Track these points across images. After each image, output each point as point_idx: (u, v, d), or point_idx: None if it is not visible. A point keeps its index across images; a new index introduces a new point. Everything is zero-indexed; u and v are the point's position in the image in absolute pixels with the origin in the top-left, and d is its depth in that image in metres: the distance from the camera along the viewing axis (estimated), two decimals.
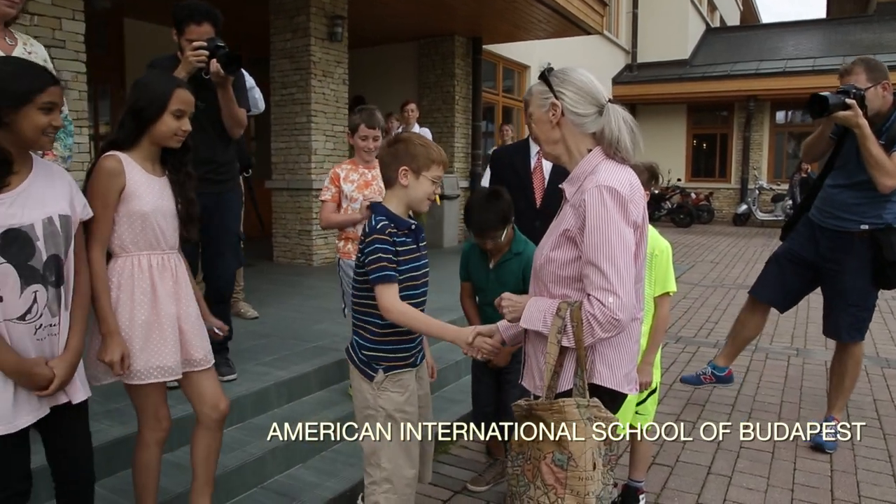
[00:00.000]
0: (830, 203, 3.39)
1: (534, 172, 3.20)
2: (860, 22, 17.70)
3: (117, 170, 1.96)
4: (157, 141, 2.04)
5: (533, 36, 10.27)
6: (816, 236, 3.47)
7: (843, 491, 3.01)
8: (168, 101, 1.99)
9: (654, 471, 3.15)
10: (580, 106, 1.70)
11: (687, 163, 17.46)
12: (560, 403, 1.62)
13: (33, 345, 1.73)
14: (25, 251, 1.67)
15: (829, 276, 3.45)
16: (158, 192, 2.07)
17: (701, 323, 6.24)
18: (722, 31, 20.37)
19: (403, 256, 2.07)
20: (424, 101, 10.21)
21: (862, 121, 3.03)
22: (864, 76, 3.19)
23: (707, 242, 12.44)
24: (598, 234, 1.58)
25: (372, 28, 8.93)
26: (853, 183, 3.27)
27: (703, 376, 3.92)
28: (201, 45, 2.97)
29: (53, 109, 1.68)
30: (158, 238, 2.07)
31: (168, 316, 2.07)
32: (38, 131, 1.67)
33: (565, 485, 1.61)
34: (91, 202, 1.92)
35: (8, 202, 1.65)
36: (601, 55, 15.23)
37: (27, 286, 1.68)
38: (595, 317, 1.57)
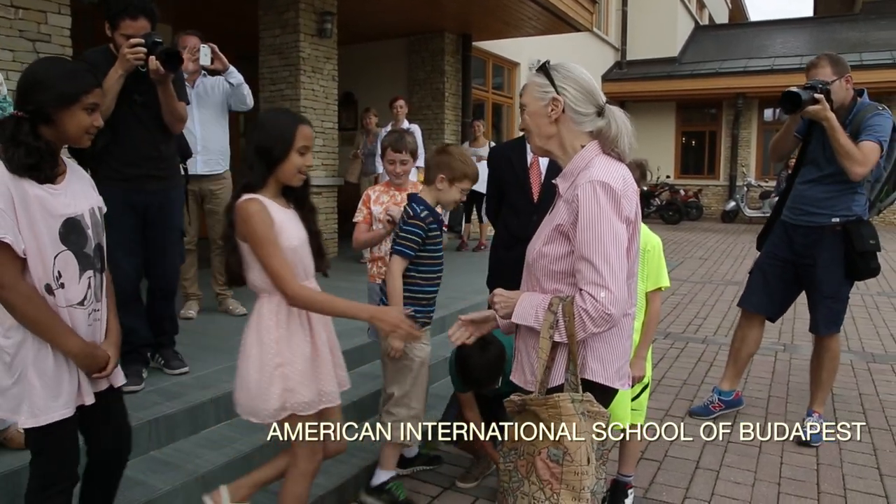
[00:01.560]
0: (801, 200, 3.48)
1: (530, 168, 3.22)
2: (846, 20, 17.85)
3: (264, 208, 1.96)
4: (282, 179, 2.04)
5: (523, 33, 10.27)
6: (790, 235, 3.56)
7: (829, 484, 3.03)
8: (293, 140, 1.98)
9: (642, 465, 3.16)
10: (581, 104, 1.70)
11: (676, 160, 17.53)
12: (555, 398, 1.61)
13: (86, 329, 1.81)
14: (80, 239, 1.78)
15: (806, 271, 3.53)
16: (296, 225, 2.08)
17: (690, 319, 6.27)
18: (711, 28, 20.46)
19: (431, 240, 2.66)
20: (414, 97, 10.19)
21: (830, 114, 3.14)
22: (829, 69, 3.30)
23: (696, 239, 12.50)
24: (590, 229, 1.58)
25: (361, 24, 8.89)
26: (822, 176, 3.37)
27: (712, 405, 3.80)
28: (139, 42, 2.86)
29: (96, 110, 1.77)
30: (306, 269, 2.10)
31: (323, 343, 2.11)
32: (82, 130, 1.76)
33: (561, 480, 1.61)
34: (260, 248, 1.94)
35: (62, 192, 1.75)
36: (591, 52, 15.25)
37: (83, 272, 1.79)
38: (587, 311, 1.57)
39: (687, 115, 17.51)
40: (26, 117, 1.68)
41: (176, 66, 2.94)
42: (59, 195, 1.74)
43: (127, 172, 3.08)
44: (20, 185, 1.66)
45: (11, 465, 2.35)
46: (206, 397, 3.05)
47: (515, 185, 3.19)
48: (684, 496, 2.93)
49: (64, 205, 1.74)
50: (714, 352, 5.16)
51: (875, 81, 13.94)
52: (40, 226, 1.69)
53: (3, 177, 1.65)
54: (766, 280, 3.70)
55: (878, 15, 16.82)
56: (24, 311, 1.69)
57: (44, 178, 1.71)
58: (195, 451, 2.82)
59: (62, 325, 1.74)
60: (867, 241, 3.34)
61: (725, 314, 6.46)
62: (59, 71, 1.74)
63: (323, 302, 2.00)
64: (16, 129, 1.67)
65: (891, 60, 13.94)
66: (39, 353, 1.73)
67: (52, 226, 1.71)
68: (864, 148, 3.16)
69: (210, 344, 3.86)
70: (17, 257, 1.67)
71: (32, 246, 1.69)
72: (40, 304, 1.71)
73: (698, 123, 17.51)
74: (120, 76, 2.91)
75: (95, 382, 1.85)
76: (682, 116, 17.49)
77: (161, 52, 2.87)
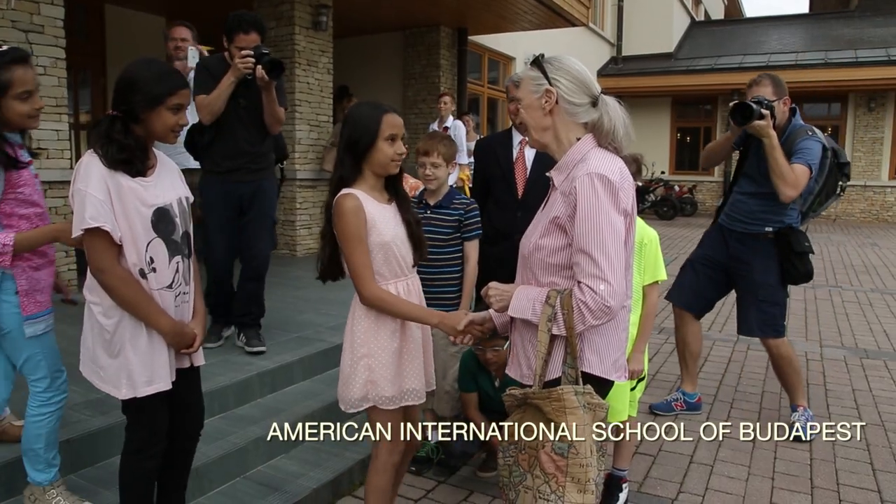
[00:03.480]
0: (736, 209, 3.59)
1: (516, 163, 3.19)
2: (842, 17, 17.89)
3: (358, 206, 1.99)
4: (376, 170, 2.06)
5: (518, 27, 10.25)
6: (726, 239, 3.65)
7: (822, 479, 3.05)
8: (379, 129, 2.01)
9: (636, 460, 3.17)
10: (575, 95, 1.69)
11: (671, 156, 17.55)
12: (559, 391, 1.61)
13: (174, 310, 1.95)
14: (169, 227, 1.91)
15: (740, 275, 3.62)
16: (392, 219, 2.09)
17: None
18: (706, 24, 20.47)
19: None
20: (409, 91, 10.16)
21: (772, 131, 3.21)
22: (770, 89, 3.36)
23: (690, 235, 12.52)
24: (588, 221, 1.58)
25: (357, 17, 8.85)
26: (759, 193, 3.45)
27: (675, 403, 3.85)
28: (248, 54, 3.28)
29: (181, 109, 1.88)
30: (401, 264, 2.10)
31: (415, 340, 2.13)
32: (168, 129, 1.87)
33: (566, 472, 1.60)
34: (346, 244, 2.00)
35: (153, 184, 1.89)
36: (586, 48, 15.24)
37: (172, 258, 1.92)
38: (586, 304, 1.57)
39: (682, 110, 17.53)
40: (120, 116, 1.82)
41: (279, 74, 3.34)
42: (150, 187, 1.87)
43: (225, 165, 3.51)
44: (116, 178, 1.79)
45: (6, 458, 2.35)
46: None
47: (500, 180, 3.17)
48: (678, 490, 2.94)
49: (154, 195, 1.87)
50: (708, 347, 5.16)
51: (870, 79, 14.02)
52: (134, 215, 1.82)
53: (101, 171, 1.78)
54: (697, 280, 3.77)
55: (873, 12, 16.86)
56: (121, 293, 1.83)
57: (135, 171, 1.84)
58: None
59: (154, 306, 1.88)
60: (802, 243, 3.43)
61: (719, 310, 6.46)
62: (149, 73, 1.84)
63: (394, 304, 2.02)
64: (110, 127, 1.81)
65: (886, 58, 13.97)
66: (135, 331, 1.87)
67: (144, 215, 1.84)
68: (795, 170, 3.23)
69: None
70: (114, 244, 1.81)
71: (127, 234, 1.82)
72: (135, 286, 1.85)
73: (693, 119, 17.53)
74: (231, 82, 3.35)
75: (180, 359, 2.00)
76: (678, 112, 17.50)
77: (266, 61, 3.27)
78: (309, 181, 7.35)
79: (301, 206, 7.29)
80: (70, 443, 2.50)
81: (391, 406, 2.07)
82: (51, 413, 2.18)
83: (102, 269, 1.81)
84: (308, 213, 7.40)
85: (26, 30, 4.47)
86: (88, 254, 1.81)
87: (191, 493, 2.45)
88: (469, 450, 2.96)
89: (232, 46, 3.37)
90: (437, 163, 2.85)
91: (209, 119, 3.42)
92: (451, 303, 2.89)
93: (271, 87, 3.39)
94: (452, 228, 2.91)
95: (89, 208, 1.75)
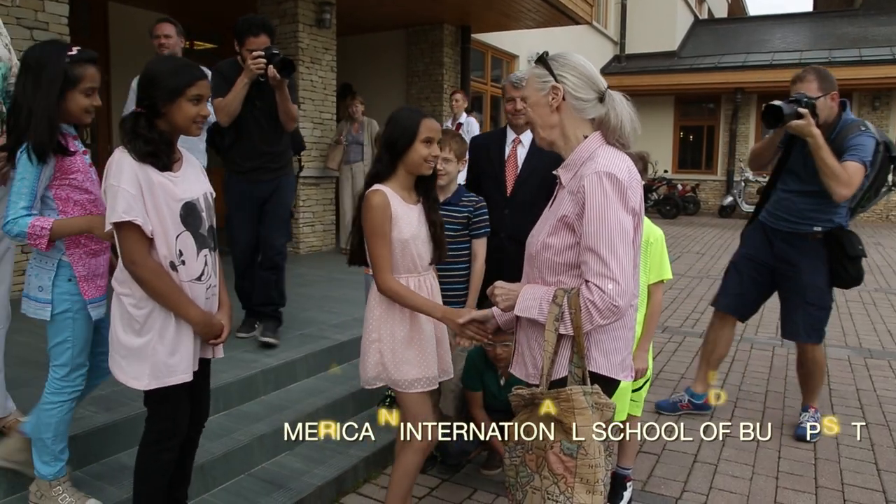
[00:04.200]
0: (781, 208, 3.44)
1: (507, 161, 3.21)
2: (846, 16, 17.83)
3: (385, 202, 2.14)
4: (410, 169, 2.21)
5: (522, 25, 10.23)
6: (770, 239, 3.52)
7: (826, 479, 3.04)
8: (417, 131, 2.15)
9: (640, 459, 3.17)
10: (581, 91, 1.69)
11: (674, 154, 17.51)
12: (568, 391, 1.60)
13: (204, 302, 2.01)
14: (197, 221, 1.97)
15: (786, 277, 3.48)
16: (416, 219, 2.23)
17: (687, 313, 6.28)
18: (710, 23, 20.41)
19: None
20: (413, 89, 10.15)
21: (815, 130, 3.04)
22: (815, 85, 3.19)
23: (693, 234, 12.51)
24: (597, 220, 1.57)
25: (360, 15, 8.84)
26: (807, 191, 3.30)
27: (680, 404, 3.77)
28: (260, 55, 3.41)
29: (201, 100, 1.92)
30: (416, 262, 2.23)
31: (425, 332, 2.24)
32: (190, 120, 1.91)
33: (575, 473, 1.59)
34: (370, 237, 2.15)
35: (180, 179, 1.94)
36: (590, 46, 15.21)
37: (200, 250, 1.98)
38: (594, 303, 1.56)
39: (685, 109, 17.48)
40: (143, 112, 1.88)
41: (290, 72, 3.47)
42: (178, 182, 1.93)
43: (246, 165, 3.68)
44: (147, 173, 1.85)
45: None
46: None
47: (490, 178, 3.19)
48: (682, 489, 2.94)
49: (182, 190, 1.93)
50: None
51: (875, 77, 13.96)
52: (164, 209, 1.88)
53: (133, 165, 1.83)
54: (741, 281, 3.66)
55: (878, 10, 16.79)
56: (153, 285, 1.88)
57: (162, 165, 1.89)
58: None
59: (185, 297, 1.94)
60: (856, 246, 3.29)
61: None
62: (166, 68, 1.91)
63: (404, 296, 2.15)
64: (135, 123, 1.87)
65: (891, 57, 13.92)
66: (165, 322, 1.92)
67: (173, 209, 1.90)
68: (848, 168, 3.07)
69: None
70: (146, 237, 1.86)
71: (158, 227, 1.88)
72: (166, 278, 1.90)
73: (696, 118, 17.48)
74: (245, 84, 3.48)
75: (204, 349, 2.06)
76: (681, 111, 17.45)
77: (277, 61, 3.40)
78: (312, 178, 7.34)
79: (304, 203, 7.28)
80: (75, 439, 2.50)
81: (402, 389, 2.20)
82: (62, 403, 2.19)
83: (135, 262, 1.86)
84: (311, 211, 7.39)
85: (31, 26, 4.47)
86: (121, 247, 1.87)
87: (195, 490, 2.46)
88: (467, 448, 2.96)
89: (243, 50, 3.50)
90: (448, 158, 2.87)
91: (227, 121, 3.56)
92: (458, 300, 2.89)
93: (283, 86, 3.50)
94: (461, 226, 2.91)
95: (122, 202, 1.81)
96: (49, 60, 2.05)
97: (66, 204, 2.13)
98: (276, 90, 3.51)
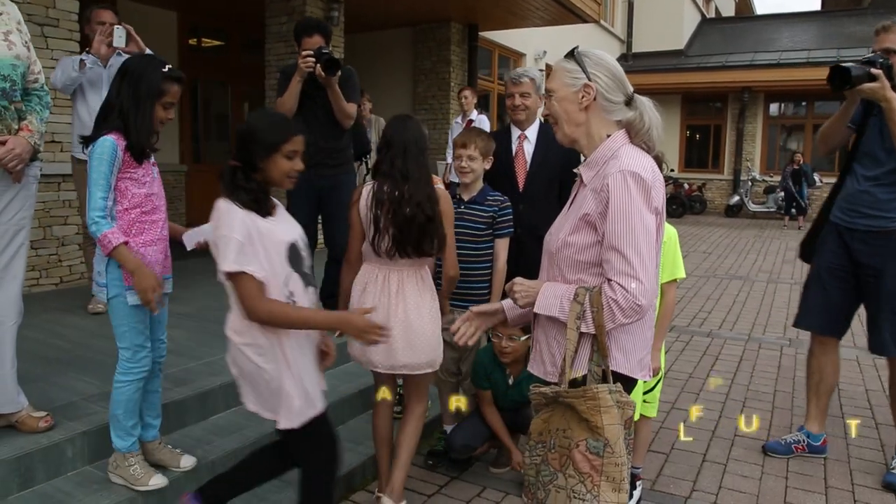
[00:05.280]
0: (857, 202, 2.95)
1: (515, 157, 3.26)
2: (854, 15, 17.74)
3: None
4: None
5: (529, 23, 10.22)
6: (846, 240, 3.02)
7: (836, 479, 3.03)
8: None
9: (649, 457, 3.16)
10: (612, 92, 1.68)
11: (680, 153, 17.50)
12: (594, 390, 1.59)
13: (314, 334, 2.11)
14: (299, 260, 2.03)
15: (868, 283, 2.99)
16: None
17: (694, 312, 6.27)
18: (717, 21, 20.35)
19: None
20: (420, 87, 10.15)
21: (890, 94, 2.64)
22: None
23: (699, 233, 12.49)
24: (621, 219, 1.56)
25: (368, 13, 8.84)
26: (883, 173, 2.86)
27: (795, 446, 3.23)
28: (309, 53, 3.61)
29: (295, 156, 1.99)
30: None
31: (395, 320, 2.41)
32: (284, 175, 1.98)
33: (601, 472, 1.59)
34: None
35: (279, 222, 2.02)
36: (596, 44, 15.15)
37: (306, 287, 2.04)
38: (617, 302, 1.55)
39: (692, 108, 17.46)
40: (239, 166, 1.95)
41: (334, 70, 3.63)
42: (279, 225, 2.00)
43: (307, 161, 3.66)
44: (254, 220, 1.92)
45: (24, 448, 2.36)
46: (215, 384, 3.06)
47: (502, 175, 3.20)
48: (692, 489, 2.93)
49: (284, 232, 2.00)
50: (719, 345, 5.16)
51: None
52: (273, 253, 1.94)
53: (240, 214, 1.89)
54: (826, 297, 3.12)
55: (886, 9, 16.65)
56: (278, 320, 1.92)
57: (264, 212, 1.97)
58: (205, 437, 2.82)
59: (310, 312, 2.03)
60: None
61: (730, 308, 6.45)
62: (264, 124, 1.98)
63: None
64: (233, 176, 1.95)
65: None
66: (291, 362, 1.97)
67: (280, 252, 1.96)
68: None
69: (218, 331, 3.85)
70: (258, 282, 1.90)
71: (269, 271, 1.92)
72: (285, 307, 1.94)
73: (703, 117, 17.45)
74: (298, 81, 3.68)
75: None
76: (688, 110, 17.44)
77: (323, 60, 3.58)
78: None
79: None
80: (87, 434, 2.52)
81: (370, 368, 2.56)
82: (129, 382, 2.30)
83: (253, 307, 1.89)
84: None
85: (42, 23, 4.49)
86: (238, 297, 1.91)
87: None
88: (472, 443, 2.97)
89: (300, 50, 3.70)
90: (473, 156, 2.86)
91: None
92: (480, 299, 2.88)
93: (333, 84, 3.68)
94: (486, 225, 2.90)
95: (233, 252, 1.86)
96: (147, 74, 2.21)
97: (124, 196, 2.24)
98: (328, 88, 3.69)
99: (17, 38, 2.39)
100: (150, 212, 2.30)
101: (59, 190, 4.65)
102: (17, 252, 2.46)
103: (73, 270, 4.82)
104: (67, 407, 2.70)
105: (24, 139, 2.38)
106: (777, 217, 15.08)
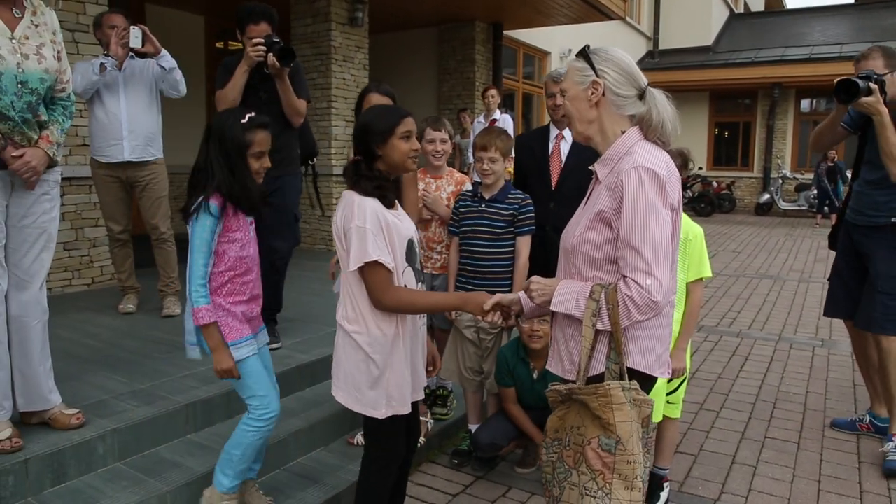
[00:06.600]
0: (861, 203, 3.31)
1: (551, 156, 3.28)
2: (889, 7, 17.29)
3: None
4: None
5: (554, 21, 10.16)
6: (850, 234, 3.40)
7: (871, 483, 2.96)
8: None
9: (677, 459, 3.12)
10: (622, 87, 1.67)
11: (708, 151, 17.26)
12: (606, 387, 1.59)
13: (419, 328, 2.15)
14: (413, 256, 2.08)
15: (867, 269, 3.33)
16: None
17: (723, 312, 6.17)
18: (746, 16, 20.02)
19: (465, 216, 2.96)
20: (444, 86, 10.16)
21: (882, 107, 2.95)
22: (881, 62, 3.10)
23: (728, 231, 12.30)
24: (635, 215, 1.55)
25: (392, 13, 8.88)
26: (882, 178, 3.15)
27: (860, 424, 3.49)
28: (259, 42, 3.32)
29: (411, 136, 2.03)
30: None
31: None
32: (405, 155, 2.02)
33: (613, 469, 1.58)
34: None
35: (402, 217, 2.07)
36: (623, 41, 15.04)
37: (417, 283, 2.10)
38: (632, 299, 1.54)
39: (721, 105, 17.20)
40: (360, 158, 2.02)
41: (289, 61, 3.35)
42: (401, 219, 2.06)
43: None
44: (383, 213, 1.97)
45: (57, 445, 2.41)
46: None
47: (535, 173, 3.24)
48: (721, 491, 2.88)
49: (405, 228, 2.05)
50: (749, 346, 5.07)
51: None
52: (396, 246, 2.00)
53: (371, 204, 1.95)
54: (844, 283, 3.47)
55: None
56: (406, 305, 1.99)
57: (389, 202, 2.02)
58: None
59: (436, 296, 2.20)
60: None
61: (760, 308, 6.34)
62: (374, 114, 2.05)
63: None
64: (356, 169, 2.02)
65: None
66: (395, 356, 2.02)
67: (401, 246, 2.02)
68: None
69: None
70: (389, 272, 1.96)
71: (392, 263, 1.97)
72: (414, 294, 2.03)
73: (732, 114, 17.19)
74: (245, 71, 3.39)
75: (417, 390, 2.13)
76: (716, 107, 17.18)
77: (277, 49, 3.31)
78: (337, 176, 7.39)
79: (337, 200, 7.33)
80: (116, 432, 2.56)
81: None
82: (253, 429, 2.28)
83: (383, 297, 1.94)
84: None
85: (73, 29, 4.58)
86: (368, 285, 1.96)
87: None
88: (498, 442, 2.95)
89: (244, 38, 3.41)
90: (494, 157, 2.87)
91: None
92: None
93: (284, 76, 3.41)
94: (506, 223, 2.91)
95: (370, 243, 1.91)
96: (227, 129, 2.19)
97: (221, 260, 2.23)
98: (277, 81, 3.41)
99: (48, 50, 2.42)
100: (242, 273, 2.27)
101: (90, 192, 4.74)
102: (39, 254, 2.49)
103: (104, 271, 4.91)
104: (98, 405, 2.75)
105: (41, 151, 2.40)
106: (809, 215, 14.79)
